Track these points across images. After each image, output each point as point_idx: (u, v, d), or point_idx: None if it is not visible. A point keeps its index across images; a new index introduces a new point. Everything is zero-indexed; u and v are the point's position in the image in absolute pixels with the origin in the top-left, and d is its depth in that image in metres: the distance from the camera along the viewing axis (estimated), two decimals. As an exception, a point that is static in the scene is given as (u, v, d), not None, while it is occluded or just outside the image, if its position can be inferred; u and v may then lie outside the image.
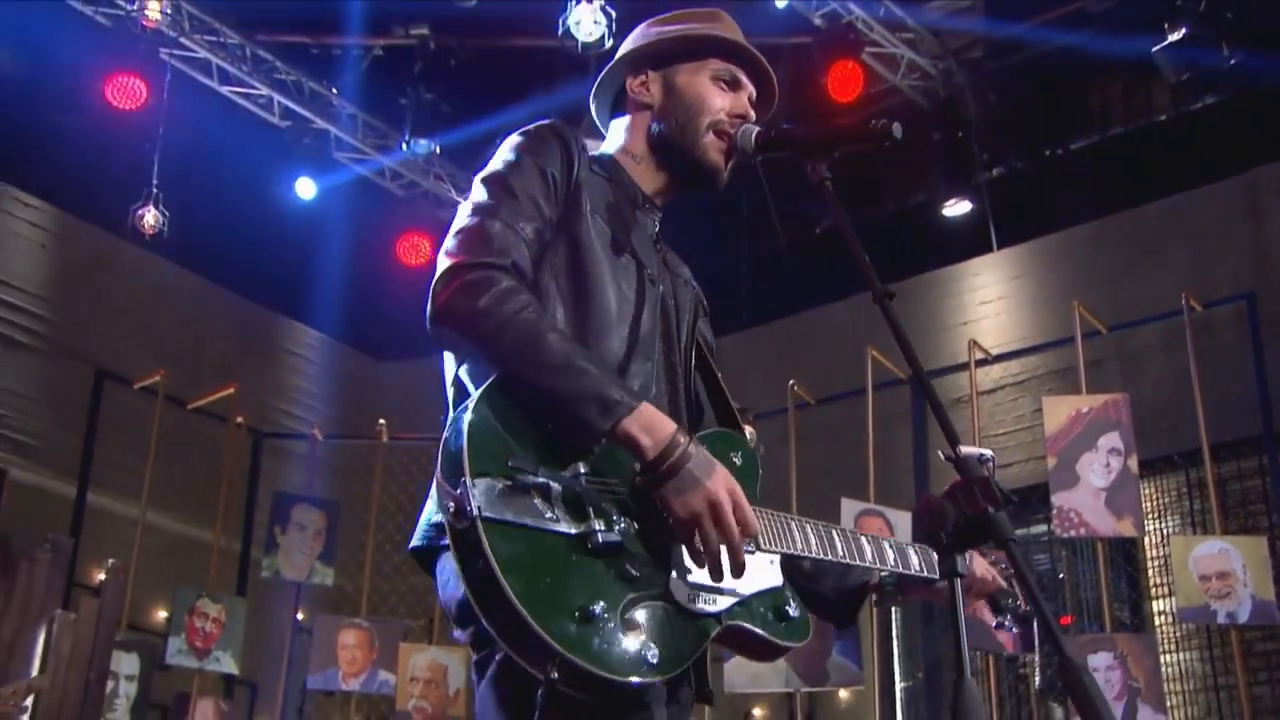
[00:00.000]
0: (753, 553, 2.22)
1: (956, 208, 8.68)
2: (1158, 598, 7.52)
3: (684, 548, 2.14)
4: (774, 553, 2.29)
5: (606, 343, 2.28)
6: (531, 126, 2.40)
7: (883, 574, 2.51)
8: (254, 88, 8.74)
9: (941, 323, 8.82)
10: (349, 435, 9.23)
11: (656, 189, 2.52)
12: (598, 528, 2.06)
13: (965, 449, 1.98)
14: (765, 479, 6.70)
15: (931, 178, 8.67)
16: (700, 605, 2.15)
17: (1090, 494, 6.87)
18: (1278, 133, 7.70)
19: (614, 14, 7.47)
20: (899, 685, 8.29)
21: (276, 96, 8.82)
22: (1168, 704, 7.67)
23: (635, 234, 2.43)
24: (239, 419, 8.06)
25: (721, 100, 2.48)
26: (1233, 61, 7.62)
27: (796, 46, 8.43)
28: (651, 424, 2.11)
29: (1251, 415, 7.24)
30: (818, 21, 8.12)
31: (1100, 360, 7.86)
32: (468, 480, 1.99)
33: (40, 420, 8.21)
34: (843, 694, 8.20)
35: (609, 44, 7.44)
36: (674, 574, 2.14)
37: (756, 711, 8.23)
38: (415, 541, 2.20)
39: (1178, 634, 7.55)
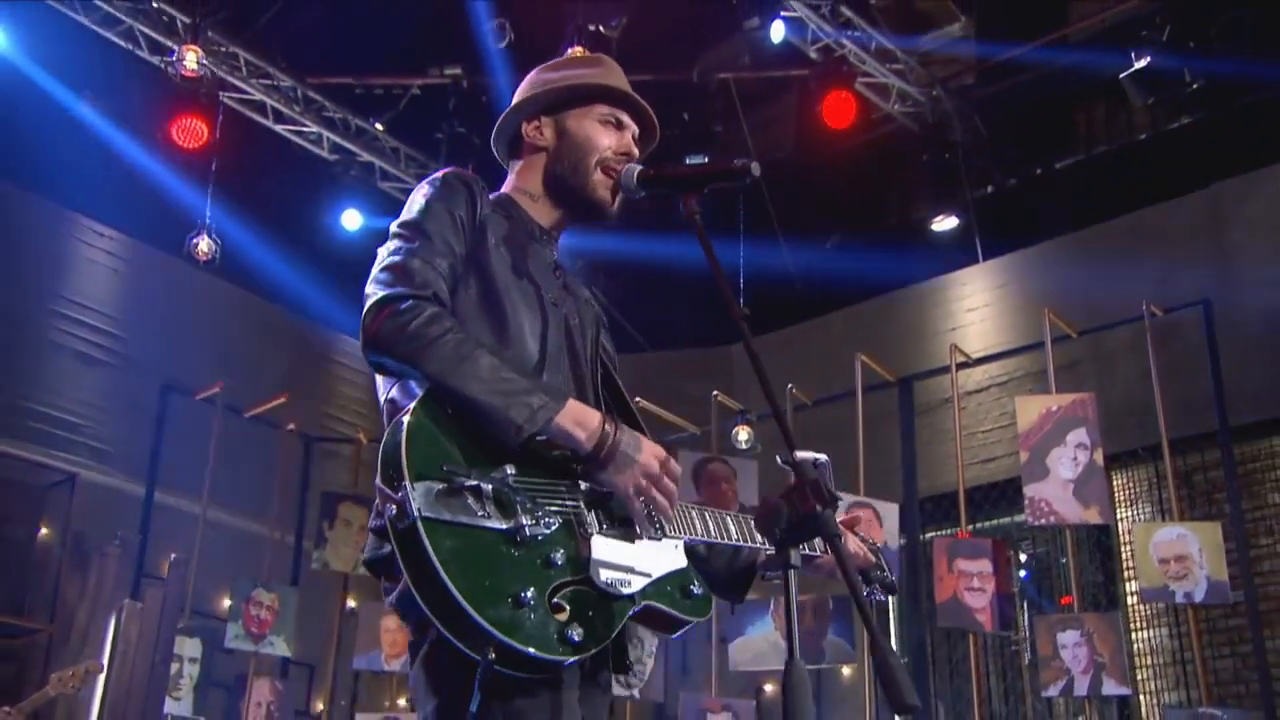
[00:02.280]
0: (661, 540, 2.35)
1: (945, 223, 8.93)
2: (1129, 580, 7.78)
3: (603, 528, 2.27)
4: (679, 539, 2.40)
5: (521, 359, 2.37)
6: (439, 174, 2.51)
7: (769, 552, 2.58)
8: (304, 125, 9.14)
9: (933, 328, 9.05)
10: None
11: (552, 223, 2.62)
12: (525, 523, 2.14)
13: (801, 454, 2.06)
14: (766, 477, 7.11)
15: (922, 196, 8.96)
16: (618, 589, 2.24)
17: (1059, 485, 7.03)
18: (1238, 150, 7.98)
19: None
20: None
21: (325, 133, 9.21)
22: (1140, 677, 8.01)
23: (533, 263, 2.52)
24: (290, 425, 8.31)
25: (608, 140, 2.58)
26: (1194, 86, 7.95)
27: (793, 79, 8.83)
28: (581, 417, 2.25)
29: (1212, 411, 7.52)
30: (813, 55, 8.38)
31: (1077, 361, 8.07)
32: (408, 484, 2.08)
33: (113, 428, 8.49)
34: (845, 671, 8.49)
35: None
36: (594, 561, 2.22)
37: (768, 687, 8.40)
38: (364, 556, 2.26)
39: (1148, 612, 7.81)
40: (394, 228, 2.41)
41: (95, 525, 7.90)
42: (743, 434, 8.24)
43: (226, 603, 7.77)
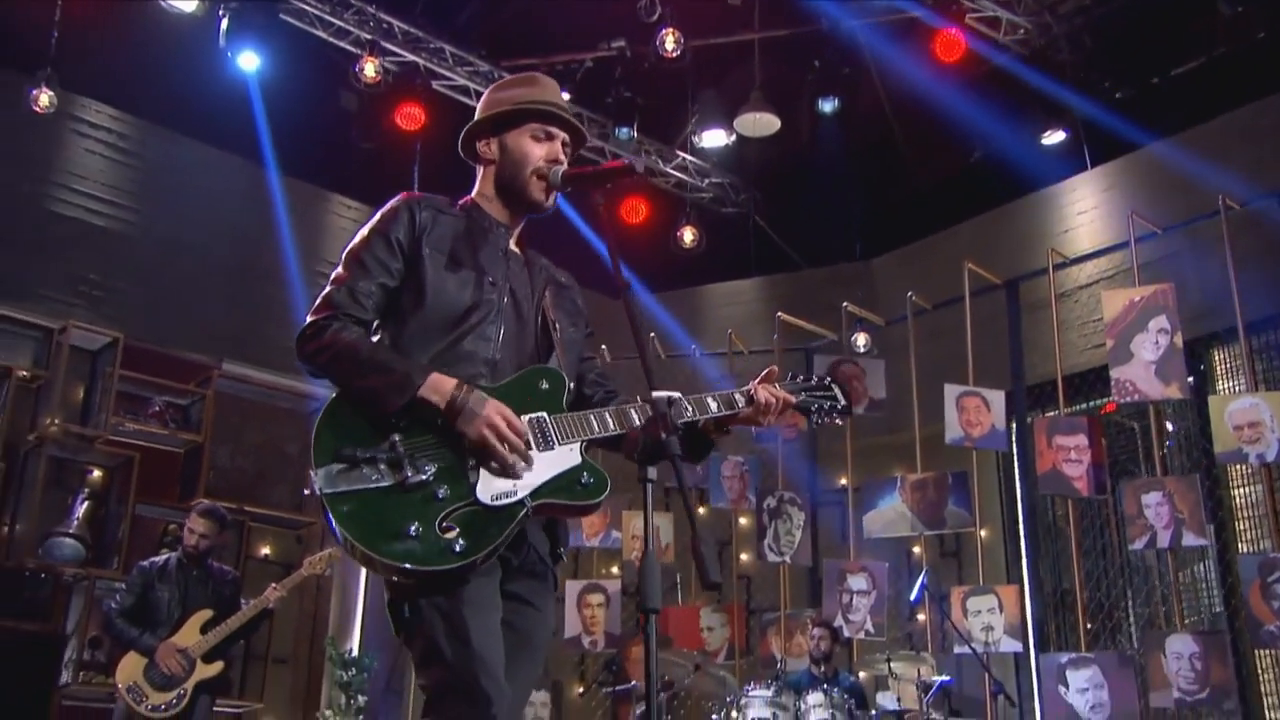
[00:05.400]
0: (552, 448, 2.67)
1: (1054, 137, 9.25)
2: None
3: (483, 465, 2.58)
4: (572, 443, 2.70)
5: (453, 330, 2.73)
6: (388, 204, 2.86)
7: (703, 418, 2.91)
8: None
9: (1047, 231, 9.41)
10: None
11: (505, 219, 2.94)
12: (408, 474, 2.51)
13: (656, 393, 2.46)
14: (891, 374, 8.05)
15: (1033, 113, 9.25)
16: (502, 501, 2.56)
17: (1142, 367, 7.56)
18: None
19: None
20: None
21: None
22: (1240, 528, 8.38)
23: (483, 253, 2.85)
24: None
25: (540, 150, 2.90)
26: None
27: (911, 20, 9.41)
28: (437, 386, 2.58)
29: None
30: (924, -5, 8.87)
31: (1176, 253, 8.28)
32: (312, 471, 2.50)
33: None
34: (984, 534, 8.84)
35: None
36: (479, 486, 2.56)
37: (915, 549, 9.01)
38: None
39: (1247, 471, 8.05)
40: (342, 254, 2.81)
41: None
42: (861, 339, 9.06)
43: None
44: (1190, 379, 8.36)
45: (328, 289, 2.73)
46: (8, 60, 8.50)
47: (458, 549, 2.46)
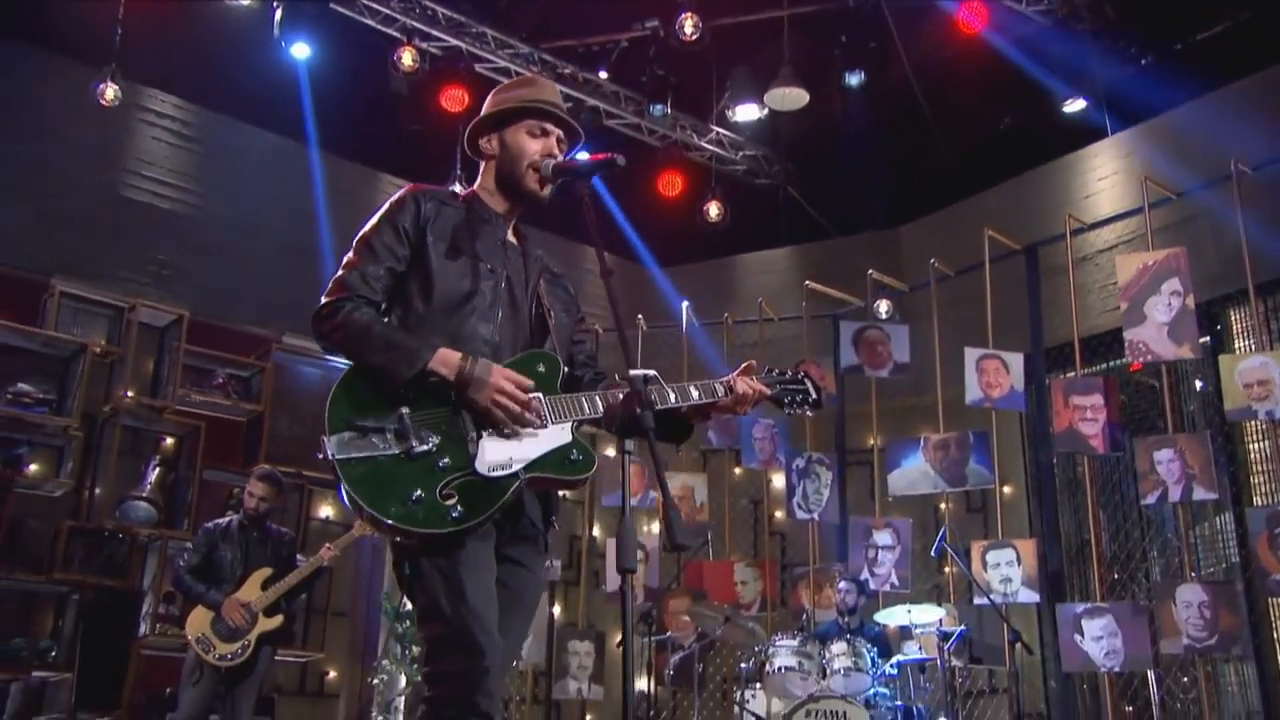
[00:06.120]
0: (545, 427, 2.81)
1: (1074, 105, 9.39)
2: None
3: (484, 435, 2.72)
4: (564, 422, 2.84)
5: (456, 313, 2.87)
6: (395, 195, 3.01)
7: (685, 405, 3.03)
8: None
9: (1068, 198, 9.48)
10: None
11: (504, 210, 3.09)
12: (413, 445, 2.66)
13: (633, 371, 2.58)
14: (915, 338, 8.31)
15: (1055, 81, 9.36)
16: (498, 473, 2.71)
17: (1155, 328, 7.70)
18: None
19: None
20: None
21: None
22: (1254, 481, 8.48)
23: (481, 242, 2.98)
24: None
25: (535, 146, 3.05)
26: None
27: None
28: (445, 360, 2.73)
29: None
30: (950, -30, 9.04)
31: (1193, 216, 8.43)
32: (325, 438, 2.65)
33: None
34: (1007, 489, 9.24)
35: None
36: (478, 459, 2.71)
37: (942, 505, 9.09)
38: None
39: (1261, 427, 8.05)
40: (355, 241, 2.96)
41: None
42: (883, 306, 9.27)
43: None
44: (1208, 339, 8.52)
45: (340, 273, 2.88)
46: (80, 56, 8.95)
47: (455, 515, 2.62)
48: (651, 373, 2.72)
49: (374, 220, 2.95)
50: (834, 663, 7.09)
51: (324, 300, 2.84)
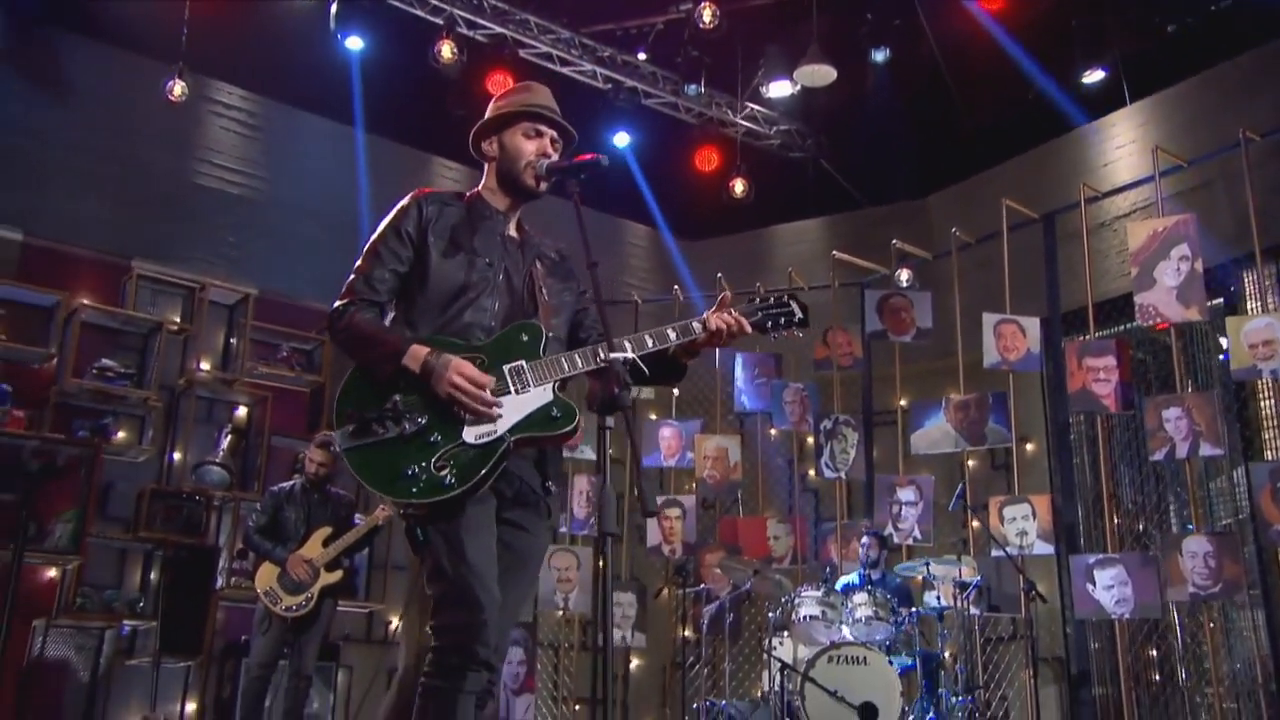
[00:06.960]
0: (525, 390, 3.00)
1: (1094, 75, 9.51)
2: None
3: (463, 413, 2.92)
4: (546, 383, 3.01)
5: (452, 304, 3.08)
6: (401, 201, 3.22)
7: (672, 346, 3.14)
8: (582, 65, 10.83)
9: (1090, 165, 9.65)
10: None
11: (505, 207, 3.29)
12: (406, 427, 2.90)
13: (613, 354, 2.81)
14: (938, 305, 8.66)
15: (1074, 53, 9.49)
16: (485, 439, 2.92)
17: (1164, 292, 7.90)
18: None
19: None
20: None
21: (598, 69, 10.85)
22: (1266, 437, 8.62)
23: (480, 237, 3.18)
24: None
25: (531, 146, 3.25)
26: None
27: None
28: (414, 355, 2.94)
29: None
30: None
31: (1210, 182, 8.56)
32: (334, 433, 2.95)
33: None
34: (1029, 446, 9.51)
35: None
36: (464, 429, 2.92)
37: (971, 462, 9.41)
38: None
39: (1275, 385, 8.18)
40: (363, 247, 3.18)
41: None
42: (904, 274, 9.56)
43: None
44: (1221, 300, 8.70)
45: (350, 277, 3.13)
46: (152, 52, 9.47)
47: (449, 482, 2.85)
48: (630, 355, 2.92)
49: (381, 226, 3.19)
50: (856, 611, 7.43)
51: (334, 304, 3.09)
